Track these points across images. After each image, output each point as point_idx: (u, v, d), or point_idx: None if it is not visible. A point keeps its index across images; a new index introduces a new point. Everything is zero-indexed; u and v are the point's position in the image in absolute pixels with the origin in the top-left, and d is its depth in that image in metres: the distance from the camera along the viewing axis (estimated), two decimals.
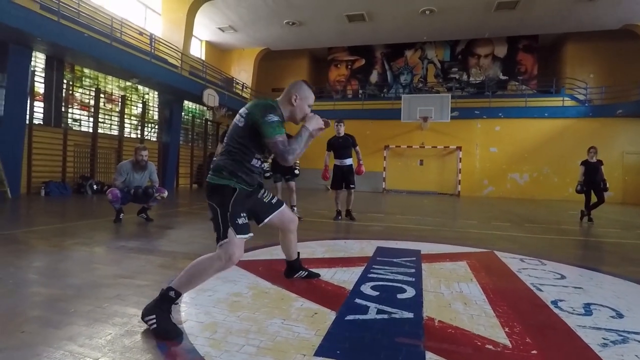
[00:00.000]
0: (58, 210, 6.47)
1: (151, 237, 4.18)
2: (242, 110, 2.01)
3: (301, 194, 6.16)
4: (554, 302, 2.28)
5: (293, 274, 2.64)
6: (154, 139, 13.01)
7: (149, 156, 5.36)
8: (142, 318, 1.76)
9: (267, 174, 5.78)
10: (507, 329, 1.86)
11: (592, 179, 6.85)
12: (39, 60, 9.10)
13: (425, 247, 3.93)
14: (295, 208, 5.98)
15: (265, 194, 2.27)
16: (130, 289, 2.33)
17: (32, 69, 8.61)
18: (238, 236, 1.87)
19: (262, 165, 2.12)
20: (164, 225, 5.03)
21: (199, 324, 1.82)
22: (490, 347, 1.67)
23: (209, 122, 15.96)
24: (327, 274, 2.77)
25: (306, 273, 2.66)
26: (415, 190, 15.61)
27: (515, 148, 14.68)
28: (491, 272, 3.01)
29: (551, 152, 14.22)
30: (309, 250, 3.63)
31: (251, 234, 1.95)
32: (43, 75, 9.26)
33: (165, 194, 5.39)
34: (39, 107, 9.21)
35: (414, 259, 3.38)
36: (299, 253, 2.62)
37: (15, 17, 7.04)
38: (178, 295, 1.80)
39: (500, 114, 14.89)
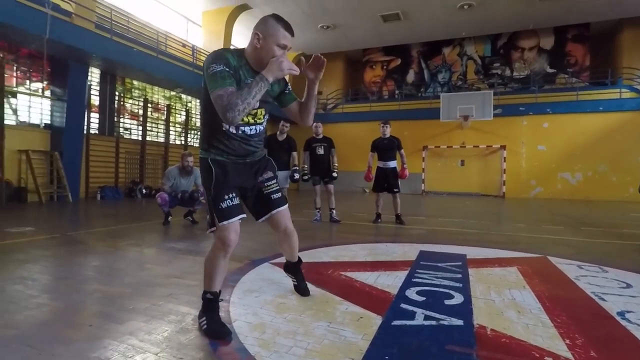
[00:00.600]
0: (112, 213, 6.89)
1: (197, 239, 4.34)
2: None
3: (338, 197, 6.16)
4: (621, 314, 2.11)
5: (286, 271, 2.43)
6: (197, 145, 13.53)
7: (194, 162, 5.59)
8: (198, 320, 1.85)
9: (306, 177, 5.83)
10: (568, 341, 1.74)
11: None
12: (94, 75, 9.77)
13: (471, 252, 3.79)
14: (334, 211, 5.99)
15: (270, 183, 2.00)
16: (182, 288, 2.43)
17: (88, 83, 9.26)
18: (221, 223, 1.76)
19: (246, 130, 1.81)
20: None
21: (247, 324, 1.87)
22: (550, 359, 1.58)
23: None
24: (370, 278, 2.75)
25: (295, 283, 2.41)
26: (457, 191, 15.11)
27: (566, 145, 13.79)
28: (545, 279, 2.85)
29: (608, 149, 13.22)
30: (350, 253, 3.62)
31: (240, 216, 1.81)
32: (98, 88, 9.95)
33: None
34: (94, 118, 9.90)
35: (460, 263, 3.27)
36: (299, 258, 2.39)
37: (75, 37, 7.63)
38: (214, 294, 1.83)
39: (548, 110, 14.08)
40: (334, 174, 5.90)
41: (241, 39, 15.92)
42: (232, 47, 1.51)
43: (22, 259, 3.13)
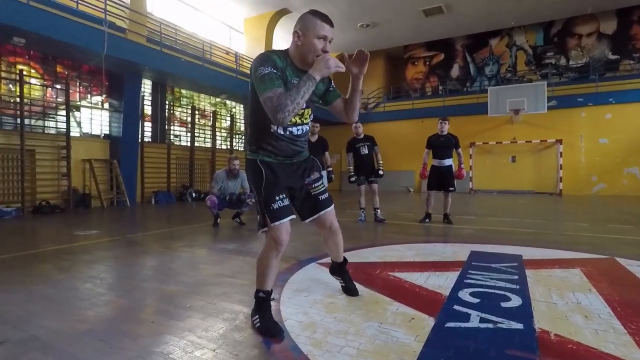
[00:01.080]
0: (165, 216, 7.28)
1: (246, 240, 4.47)
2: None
3: (381, 197, 6.07)
4: None
5: (332, 273, 2.42)
6: (242, 149, 13.97)
7: (239, 165, 5.77)
8: (251, 318, 1.90)
9: (353, 179, 5.81)
10: None
11: None
12: (146, 86, 10.39)
13: (527, 252, 3.58)
14: (378, 210, 5.92)
15: (318, 185, 2.03)
16: (234, 287, 2.51)
17: (141, 94, 9.86)
18: (273, 224, 1.79)
19: (294, 131, 1.83)
20: (255, 229, 5.33)
21: (299, 324, 1.89)
22: None
23: None
24: (419, 278, 2.68)
25: (343, 285, 2.38)
26: (508, 189, 14.36)
27: (633, 137, 12.57)
28: (615, 281, 2.62)
29: None
30: (397, 253, 3.56)
31: (291, 217, 1.84)
32: (150, 98, 10.56)
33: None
34: (147, 126, 10.52)
35: (515, 264, 3.10)
36: (345, 258, 2.38)
37: (129, 52, 8.17)
38: (266, 293, 1.87)
39: (611, 100, 12.97)
40: (380, 172, 5.81)
41: (282, 43, 16.22)
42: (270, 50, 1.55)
43: (90, 259, 3.39)
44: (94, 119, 9.22)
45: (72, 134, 8.37)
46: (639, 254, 3.51)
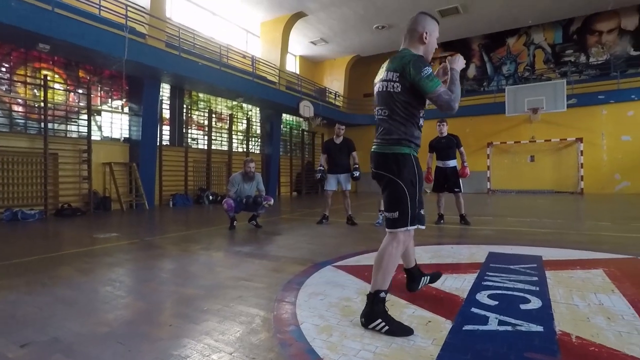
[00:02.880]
0: (183, 219, 7.39)
1: (262, 243, 4.51)
2: (389, 75, 1.89)
3: None
4: None
5: (416, 285, 2.32)
6: (257, 152, 14.09)
7: (255, 167, 5.82)
8: (367, 326, 1.82)
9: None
10: None
11: None
12: (164, 90, 10.59)
13: (547, 253, 3.51)
14: None
15: None
16: (250, 290, 2.54)
17: (160, 98, 10.06)
18: (415, 226, 1.90)
19: (422, 121, 2.01)
20: (271, 232, 5.39)
21: (314, 327, 1.89)
22: None
23: (305, 133, 16.69)
24: (436, 281, 2.65)
25: (429, 277, 2.37)
26: (526, 189, 14.06)
27: None
28: (639, 282, 2.55)
29: None
30: None
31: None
32: (168, 102, 10.76)
33: (272, 201, 5.78)
34: (166, 130, 10.71)
35: (535, 265, 3.04)
36: (415, 260, 2.36)
37: (149, 57, 8.35)
38: (386, 292, 1.87)
39: (633, 96, 12.58)
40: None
41: (296, 46, 16.31)
42: (406, 51, 1.72)
43: (110, 262, 3.48)
44: (114, 122, 9.45)
45: (93, 137, 8.59)
46: None
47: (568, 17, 15.05)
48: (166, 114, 10.72)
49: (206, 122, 11.84)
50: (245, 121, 13.59)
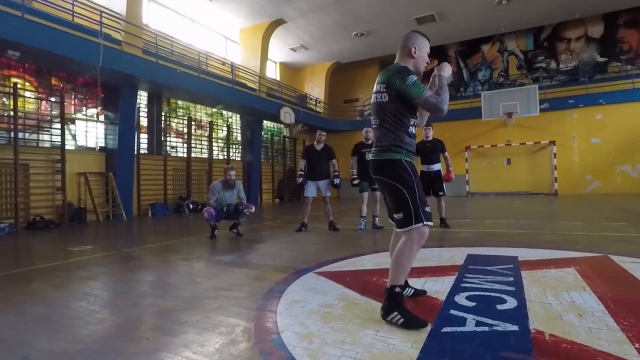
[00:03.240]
0: (162, 228, 7.25)
1: (243, 252, 4.46)
2: (378, 87, 2.08)
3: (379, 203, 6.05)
4: None
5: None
6: (239, 159, 13.98)
7: (235, 175, 5.78)
8: (385, 318, 1.96)
9: (355, 182, 5.77)
10: (637, 345, 1.61)
11: None
12: (142, 98, 10.41)
13: (523, 253, 3.60)
14: (377, 218, 5.92)
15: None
16: (231, 300, 2.51)
17: (137, 106, 9.88)
18: (426, 223, 1.99)
19: (414, 130, 2.13)
20: (253, 240, 5.34)
21: (295, 335, 1.88)
22: None
23: (286, 139, 16.69)
24: (416, 284, 2.67)
25: (412, 291, 2.41)
26: (504, 191, 14.43)
27: (624, 137, 12.77)
28: (608, 279, 2.65)
29: None
30: None
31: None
32: (146, 110, 10.58)
33: (253, 209, 5.74)
34: (143, 138, 10.51)
35: (511, 266, 3.12)
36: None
37: (125, 64, 8.21)
38: (402, 287, 2.00)
39: (601, 101, 13.15)
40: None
41: (276, 53, 16.34)
42: (395, 64, 1.86)
43: (85, 275, 3.38)
44: (89, 131, 9.22)
45: (67, 147, 8.35)
46: (632, 250, 3.55)
47: (538, 25, 15.65)
48: (144, 121, 10.53)
49: (185, 130, 11.69)
50: (225, 128, 13.49)
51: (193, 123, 12.01)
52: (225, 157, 13.35)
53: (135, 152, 9.81)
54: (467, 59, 17.49)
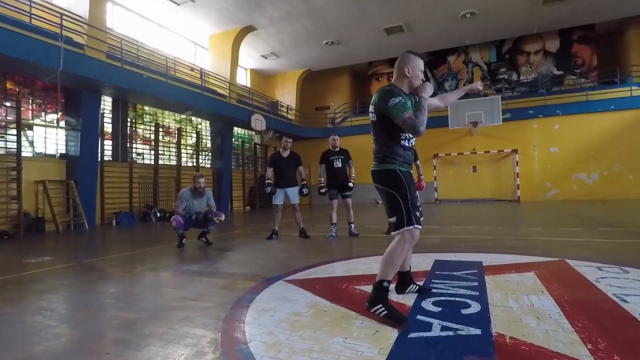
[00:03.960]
0: (127, 238, 6.99)
1: (212, 260, 4.37)
2: (371, 107, 2.29)
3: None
4: None
5: (404, 288, 2.58)
6: (208, 166, 13.73)
7: (205, 182, 5.66)
8: (369, 310, 2.12)
9: (323, 190, 5.77)
10: (590, 346, 1.70)
11: None
12: (106, 103, 10.05)
13: (487, 259, 3.73)
14: (352, 225, 5.91)
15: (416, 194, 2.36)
16: (197, 311, 2.45)
17: (101, 111, 9.52)
18: (416, 226, 2.19)
19: (412, 142, 2.31)
20: (222, 248, 5.25)
21: (263, 344, 1.86)
22: None
23: (257, 146, 16.57)
24: None
25: (417, 287, 2.61)
26: (470, 198, 14.93)
27: (579, 146, 13.59)
28: (565, 282, 2.79)
29: (622, 147, 12.97)
30: (363, 266, 3.60)
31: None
32: (110, 116, 10.21)
33: (223, 217, 5.63)
34: (108, 145, 10.13)
35: (476, 271, 3.22)
36: (410, 266, 2.62)
37: (87, 68, 7.90)
38: (389, 282, 2.16)
39: (558, 112, 13.93)
40: (350, 184, 5.78)
41: (247, 59, 16.26)
42: (387, 86, 2.05)
43: (40, 289, 3.19)
44: (48, 137, 8.79)
45: (23, 154, 7.92)
46: (586, 255, 3.76)
47: (500, 38, 16.45)
48: (108, 128, 10.15)
49: (152, 136, 11.37)
50: (194, 135, 13.24)
51: (161, 129, 11.71)
52: (195, 164, 13.08)
53: (99, 159, 9.43)
54: (434, 69, 18.10)
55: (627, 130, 12.96)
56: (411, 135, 2.25)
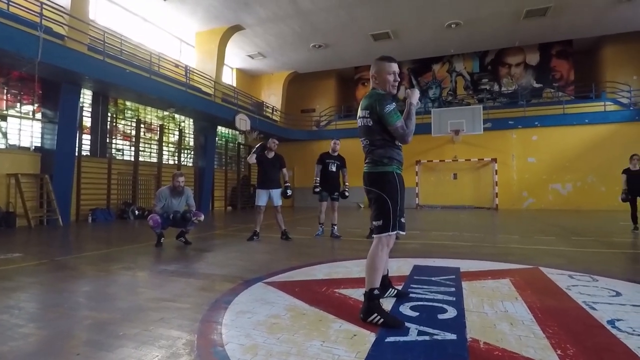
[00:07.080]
0: (104, 236, 6.81)
1: (190, 261, 4.30)
2: (363, 112, 2.29)
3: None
4: (611, 322, 2.13)
5: (383, 292, 2.51)
6: (190, 164, 13.53)
7: (185, 181, 5.57)
8: (365, 320, 2.11)
9: (317, 189, 5.94)
10: (559, 352, 1.75)
11: (636, 187, 6.65)
12: (86, 97, 9.79)
13: (465, 265, 3.80)
14: (336, 227, 6.01)
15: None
16: (173, 312, 2.40)
17: (80, 105, 9.26)
18: (395, 232, 2.22)
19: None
20: (201, 248, 5.17)
21: (240, 347, 1.84)
22: None
23: (241, 146, 16.43)
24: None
25: (395, 291, 2.64)
26: (450, 205, 15.19)
27: (555, 157, 14.04)
28: (537, 289, 2.86)
29: (596, 160, 13.46)
30: (343, 270, 3.61)
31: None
32: (90, 110, 9.95)
33: (202, 217, 5.55)
34: (86, 139, 9.86)
35: (454, 277, 3.28)
36: (387, 270, 2.64)
37: (67, 60, 7.68)
38: (379, 290, 2.17)
39: (536, 123, 14.36)
40: (346, 194, 6.06)
41: (233, 58, 16.13)
42: (374, 91, 2.33)
43: (9, 287, 3.07)
44: (23, 130, 8.49)
45: None
46: (559, 263, 3.87)
47: (483, 50, 16.87)
48: (87, 122, 9.89)
49: (133, 132, 11.13)
50: (177, 132, 13.03)
51: (142, 126, 11.49)
52: (176, 162, 12.87)
53: (76, 154, 9.17)
54: (419, 76, 18.39)
55: (600, 144, 13.47)
56: None
